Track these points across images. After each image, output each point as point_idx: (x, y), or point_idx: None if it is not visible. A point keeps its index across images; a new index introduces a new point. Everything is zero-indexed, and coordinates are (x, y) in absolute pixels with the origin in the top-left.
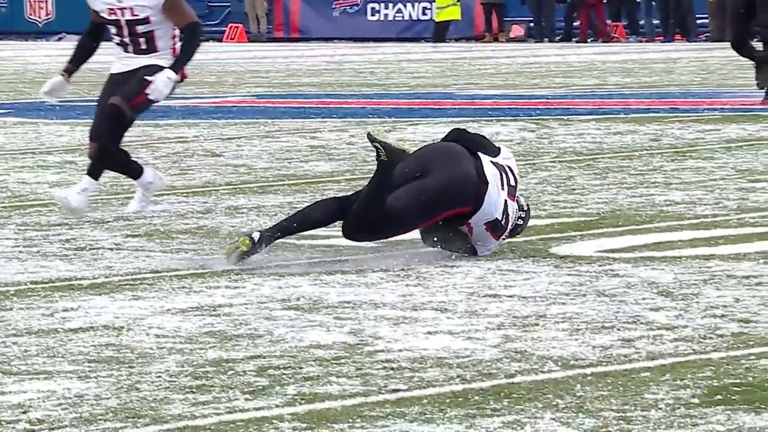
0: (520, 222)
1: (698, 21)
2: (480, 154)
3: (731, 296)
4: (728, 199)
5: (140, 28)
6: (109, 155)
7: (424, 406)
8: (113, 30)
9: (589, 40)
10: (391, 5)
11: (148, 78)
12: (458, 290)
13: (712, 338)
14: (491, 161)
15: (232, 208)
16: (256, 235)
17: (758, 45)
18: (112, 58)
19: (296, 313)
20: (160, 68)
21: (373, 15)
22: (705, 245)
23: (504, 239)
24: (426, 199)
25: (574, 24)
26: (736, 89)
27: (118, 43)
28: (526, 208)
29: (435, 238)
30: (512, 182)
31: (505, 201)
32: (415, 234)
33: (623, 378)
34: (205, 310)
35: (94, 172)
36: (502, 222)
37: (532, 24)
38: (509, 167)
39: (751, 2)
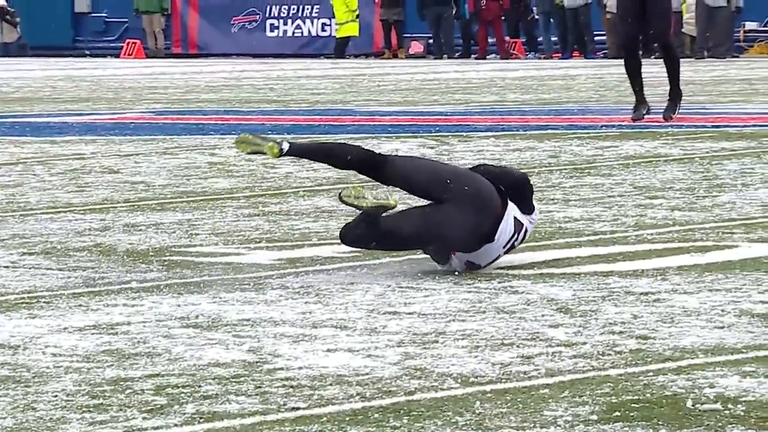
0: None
1: (596, 38)
2: (510, 203)
3: (629, 313)
4: (626, 216)
5: None
6: None
7: (323, 424)
8: None
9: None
10: (290, 21)
11: None
12: (358, 307)
13: (610, 355)
14: (515, 217)
15: (130, 226)
16: (285, 146)
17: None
18: None
19: (195, 331)
20: None
21: (272, 31)
22: (604, 262)
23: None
24: (428, 235)
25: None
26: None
27: None
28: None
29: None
30: (518, 242)
31: (499, 255)
32: (316, 251)
33: (522, 395)
34: (103, 328)
35: None
36: (483, 266)
37: (431, 40)
38: (526, 230)
39: (642, 9)
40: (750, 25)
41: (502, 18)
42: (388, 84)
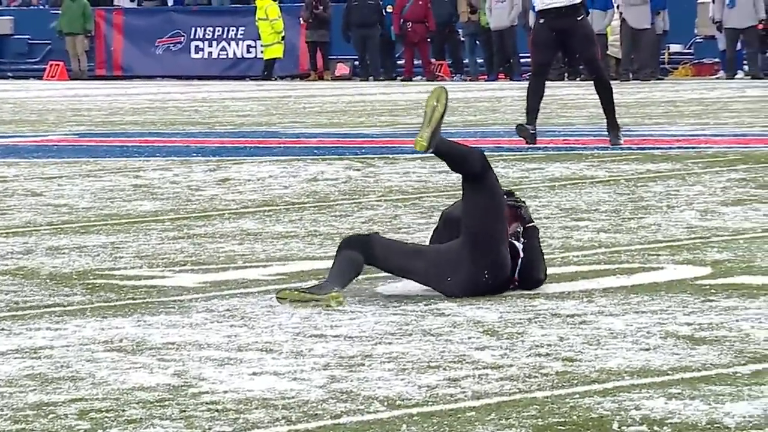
0: None
1: (522, 60)
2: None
3: (556, 335)
4: (552, 238)
5: None
6: None
7: None
8: None
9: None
10: (215, 43)
11: None
12: (284, 330)
13: (536, 377)
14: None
15: (54, 249)
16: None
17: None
18: None
19: (119, 354)
20: None
21: (197, 53)
22: None
23: None
24: (430, 274)
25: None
26: (560, 128)
27: None
28: None
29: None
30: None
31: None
32: (242, 274)
33: (449, 417)
34: (26, 352)
35: None
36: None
37: (357, 62)
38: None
39: (560, 37)
40: (675, 48)
41: (428, 40)
42: (314, 106)
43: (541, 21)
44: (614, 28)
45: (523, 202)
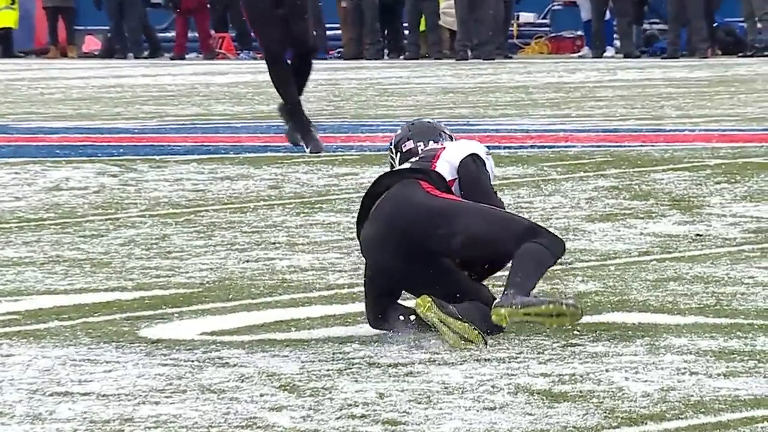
0: None
1: (328, 32)
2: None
3: (374, 390)
4: None
5: None
6: None
7: None
8: None
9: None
10: None
11: None
12: (16, 387)
13: None
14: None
15: None
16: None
17: None
18: None
19: None
20: None
21: None
22: (341, 324)
23: None
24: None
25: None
26: (379, 121)
27: None
28: None
29: None
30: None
31: None
32: None
33: None
34: None
35: None
36: None
37: (110, 35)
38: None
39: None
40: (526, 17)
41: (207, 6)
42: (54, 92)
43: None
44: None
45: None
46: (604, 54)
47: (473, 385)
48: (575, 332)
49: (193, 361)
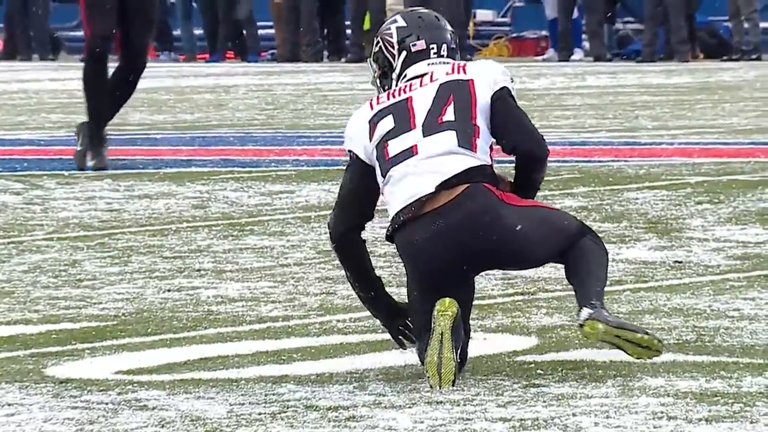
0: None
1: (260, 32)
2: None
3: None
4: (308, 294)
5: None
6: None
7: None
8: None
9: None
10: None
11: None
12: None
13: None
14: None
15: None
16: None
17: None
18: None
19: None
20: None
21: None
22: (274, 362)
23: None
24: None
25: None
26: (317, 132)
27: None
28: None
29: None
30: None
31: None
32: None
33: None
34: None
35: None
36: None
37: (11, 33)
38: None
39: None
40: (484, 15)
41: None
42: None
43: None
44: None
45: None
46: (572, 57)
47: (423, 430)
48: (539, 371)
49: (107, 404)
